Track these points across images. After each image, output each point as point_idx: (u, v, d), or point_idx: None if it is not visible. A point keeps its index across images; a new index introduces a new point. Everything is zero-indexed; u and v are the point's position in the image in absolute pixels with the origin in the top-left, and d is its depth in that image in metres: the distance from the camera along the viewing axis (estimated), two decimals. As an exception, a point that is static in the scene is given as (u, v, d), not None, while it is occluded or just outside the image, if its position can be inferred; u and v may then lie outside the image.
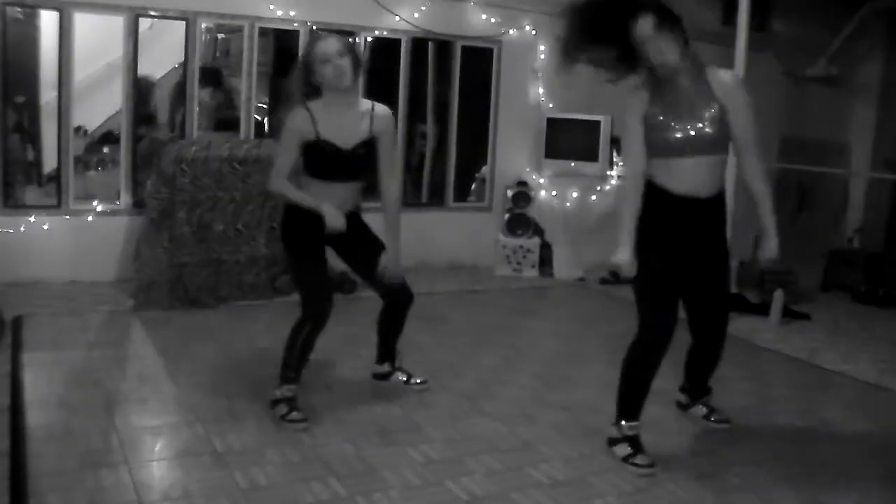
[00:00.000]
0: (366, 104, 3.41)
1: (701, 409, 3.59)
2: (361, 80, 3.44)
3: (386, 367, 3.84)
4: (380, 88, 5.83)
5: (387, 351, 3.81)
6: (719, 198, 3.18)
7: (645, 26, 2.94)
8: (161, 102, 6.19)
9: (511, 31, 6.82)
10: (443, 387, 3.85)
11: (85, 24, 5.37)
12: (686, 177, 3.06)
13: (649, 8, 2.96)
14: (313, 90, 3.28)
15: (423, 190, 7.00)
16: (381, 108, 3.43)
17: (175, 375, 3.81)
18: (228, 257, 5.23)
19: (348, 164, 3.33)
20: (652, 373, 3.12)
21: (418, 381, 3.83)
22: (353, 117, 3.34)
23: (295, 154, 3.28)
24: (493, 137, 6.98)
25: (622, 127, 3.30)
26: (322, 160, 3.28)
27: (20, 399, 3.38)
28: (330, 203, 3.27)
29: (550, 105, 6.98)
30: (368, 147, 3.35)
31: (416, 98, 6.69)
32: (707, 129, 3.04)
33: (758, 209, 3.17)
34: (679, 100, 3.05)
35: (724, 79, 3.13)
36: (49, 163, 5.73)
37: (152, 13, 5.57)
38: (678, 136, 3.04)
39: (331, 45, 3.23)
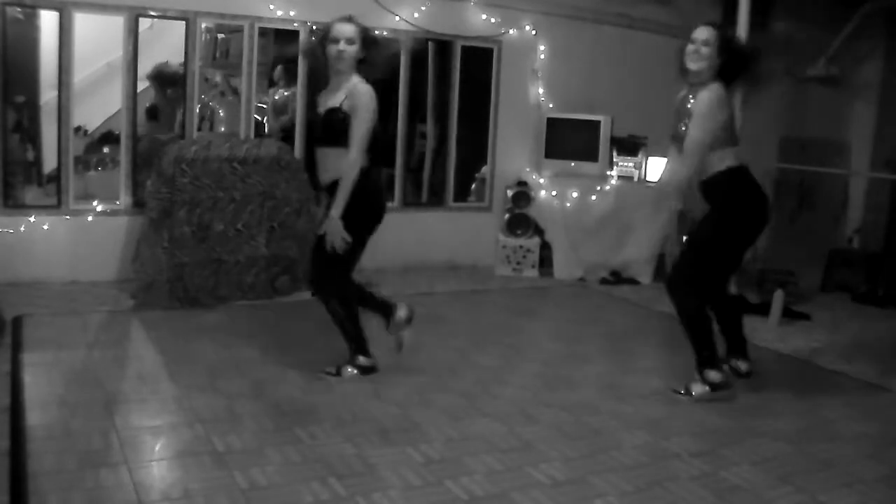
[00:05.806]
0: (353, 81, 3.62)
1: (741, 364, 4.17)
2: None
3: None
4: (379, 88, 5.79)
5: None
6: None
7: None
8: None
9: (511, 31, 6.82)
10: (443, 387, 3.85)
11: (85, 24, 5.37)
12: None
13: None
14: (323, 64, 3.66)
15: (423, 190, 7.00)
16: (360, 86, 3.61)
17: (175, 375, 3.81)
18: (228, 257, 5.24)
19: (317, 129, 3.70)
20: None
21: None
22: (335, 89, 3.66)
23: None
24: (493, 137, 6.98)
25: None
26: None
27: (20, 399, 3.38)
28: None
29: (550, 105, 6.99)
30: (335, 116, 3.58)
31: (416, 98, 6.68)
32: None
33: None
34: None
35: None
36: (49, 163, 5.72)
37: (152, 13, 5.58)
38: None
39: (343, 29, 3.56)
